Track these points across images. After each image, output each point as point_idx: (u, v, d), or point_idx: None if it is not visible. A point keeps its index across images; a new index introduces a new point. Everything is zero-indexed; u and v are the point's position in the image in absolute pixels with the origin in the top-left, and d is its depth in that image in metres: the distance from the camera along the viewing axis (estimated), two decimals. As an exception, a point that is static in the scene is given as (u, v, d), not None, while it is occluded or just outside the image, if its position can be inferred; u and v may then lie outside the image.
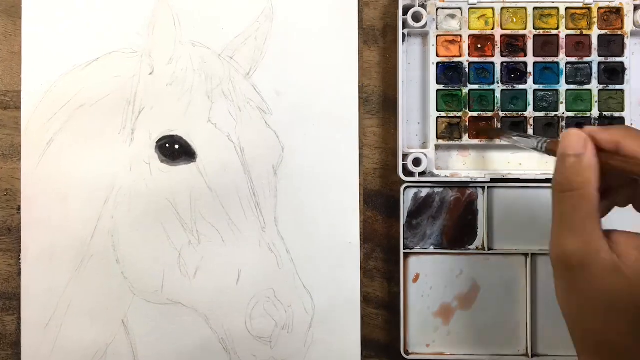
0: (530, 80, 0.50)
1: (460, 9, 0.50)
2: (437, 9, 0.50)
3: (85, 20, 0.51)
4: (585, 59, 0.50)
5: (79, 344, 0.50)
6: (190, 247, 0.49)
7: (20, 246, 0.51)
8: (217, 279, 0.50)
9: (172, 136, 0.50)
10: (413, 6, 0.50)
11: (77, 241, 0.50)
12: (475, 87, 0.50)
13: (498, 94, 0.50)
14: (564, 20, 0.50)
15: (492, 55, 0.50)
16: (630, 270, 0.33)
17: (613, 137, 0.34)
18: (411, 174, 0.50)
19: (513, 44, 0.50)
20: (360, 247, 0.51)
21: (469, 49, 0.50)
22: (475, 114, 0.50)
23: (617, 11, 0.50)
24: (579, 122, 0.50)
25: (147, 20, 0.51)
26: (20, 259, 0.51)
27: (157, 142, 0.50)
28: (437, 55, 0.50)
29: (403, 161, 0.50)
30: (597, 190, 0.34)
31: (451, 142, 0.50)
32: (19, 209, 0.51)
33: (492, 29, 0.50)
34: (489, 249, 0.50)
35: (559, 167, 0.35)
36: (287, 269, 0.50)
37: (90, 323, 0.50)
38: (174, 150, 0.50)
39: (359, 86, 0.51)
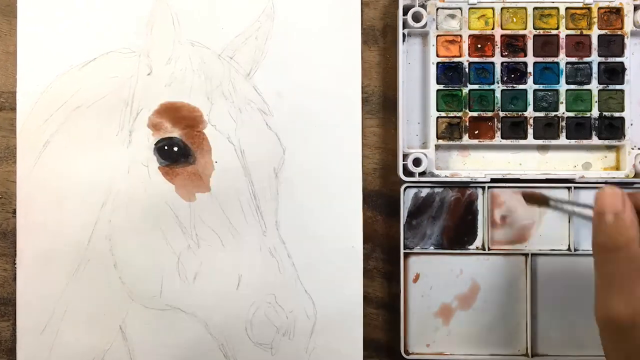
0: (530, 80, 0.49)
1: (460, 9, 0.49)
2: (437, 9, 0.49)
3: (82, 19, 0.49)
4: (585, 59, 0.49)
5: (75, 351, 0.49)
6: (190, 251, 0.48)
7: (15, 250, 0.49)
8: (216, 284, 0.48)
9: (171, 138, 0.48)
10: (413, 6, 0.49)
11: (73, 245, 0.49)
12: (475, 87, 0.49)
13: (498, 94, 0.49)
14: (564, 20, 0.49)
15: (492, 55, 0.49)
16: None
17: None
18: (411, 174, 0.49)
19: (513, 44, 0.49)
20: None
21: (469, 49, 0.49)
22: (475, 114, 0.49)
23: (617, 11, 0.49)
24: (579, 122, 0.49)
25: (146, 19, 0.49)
26: (15, 264, 0.49)
27: (155, 144, 0.49)
28: (437, 55, 0.49)
29: (403, 161, 0.49)
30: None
31: (451, 142, 0.50)
32: (14, 212, 0.49)
33: (492, 29, 0.49)
34: (489, 249, 0.49)
35: (598, 227, 0.34)
36: (288, 274, 0.49)
37: (88, 329, 0.49)
38: (173, 152, 0.48)
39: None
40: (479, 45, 0.49)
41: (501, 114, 0.49)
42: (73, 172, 0.49)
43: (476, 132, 0.49)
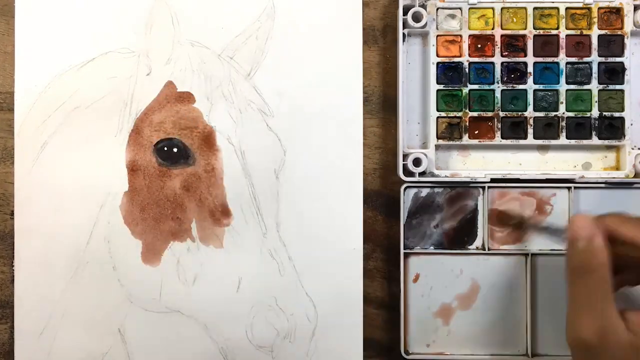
0: (530, 80, 0.49)
1: (460, 9, 0.49)
2: (437, 9, 0.49)
3: (81, 19, 0.49)
4: (585, 59, 0.49)
5: (74, 354, 0.48)
6: (189, 253, 0.47)
7: (13, 252, 0.49)
8: (216, 286, 0.48)
9: (170, 139, 0.48)
10: (413, 6, 0.48)
11: (72, 247, 0.48)
12: (475, 87, 0.49)
13: (498, 94, 0.49)
14: (564, 20, 0.49)
15: (492, 55, 0.49)
16: None
17: (610, 226, 0.35)
18: (411, 174, 0.48)
19: (513, 44, 0.49)
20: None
21: (469, 49, 0.49)
22: (475, 114, 0.49)
23: (617, 11, 0.48)
24: (579, 122, 0.48)
25: (145, 19, 0.49)
26: (13, 266, 0.49)
27: (155, 145, 0.48)
28: (437, 55, 0.49)
29: (403, 161, 0.48)
30: (611, 270, 0.34)
31: (451, 142, 0.49)
32: (12, 214, 0.49)
33: (492, 29, 0.49)
34: (489, 249, 0.49)
35: (571, 252, 0.35)
36: (289, 277, 0.48)
37: (86, 332, 0.48)
38: (172, 153, 0.48)
39: (359, 87, 0.50)
40: (479, 45, 0.49)
41: (501, 114, 0.48)
42: (71, 173, 0.48)
43: (476, 132, 0.49)
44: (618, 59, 0.48)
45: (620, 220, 0.35)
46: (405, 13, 0.48)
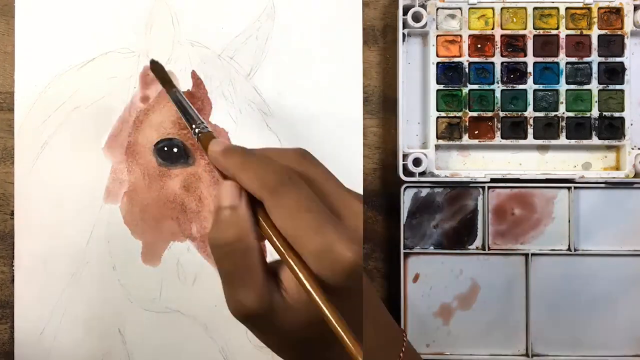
0: (530, 80, 0.48)
1: (460, 9, 0.48)
2: (437, 9, 0.48)
3: (81, 19, 0.48)
4: (585, 59, 0.48)
5: (74, 354, 0.47)
6: (189, 253, 0.47)
7: (13, 252, 0.48)
8: (216, 286, 0.46)
9: (170, 139, 0.47)
10: (413, 6, 0.48)
11: (72, 247, 0.47)
12: (475, 87, 0.48)
13: (498, 94, 0.48)
14: (564, 20, 0.48)
15: (492, 55, 0.48)
16: (296, 304, 0.30)
17: (231, 167, 0.31)
18: (411, 174, 0.48)
19: (513, 44, 0.48)
20: (361, 248, 0.49)
21: (469, 49, 0.48)
22: (475, 114, 0.48)
23: (617, 11, 0.48)
24: (579, 122, 0.48)
25: (145, 19, 0.48)
26: (13, 266, 0.48)
27: (155, 145, 0.47)
28: (437, 55, 0.48)
29: (403, 161, 0.48)
30: (257, 238, 0.30)
31: (451, 142, 0.49)
32: (12, 214, 0.48)
33: (492, 29, 0.48)
34: (489, 249, 0.48)
35: (215, 221, 0.30)
36: None
37: (86, 332, 0.47)
38: (172, 153, 0.47)
39: (359, 87, 0.50)
40: (479, 45, 0.48)
41: (501, 114, 0.48)
42: (71, 173, 0.47)
43: (476, 132, 0.48)
44: (618, 59, 0.48)
45: (240, 165, 0.31)
46: (405, 13, 0.48)
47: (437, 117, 0.48)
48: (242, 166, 0.31)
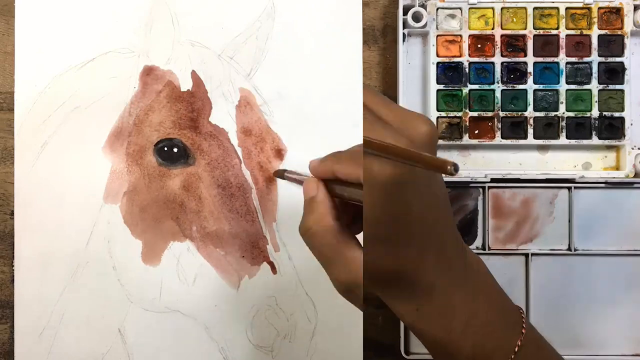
0: (530, 80, 0.48)
1: (460, 9, 0.48)
2: (437, 9, 0.48)
3: (81, 19, 0.48)
4: (585, 59, 0.48)
5: (74, 354, 0.47)
6: (189, 253, 0.47)
7: (13, 252, 0.48)
8: (216, 286, 0.47)
9: (170, 139, 0.47)
10: (413, 6, 0.48)
11: (72, 247, 0.47)
12: (476, 87, 0.48)
13: (498, 94, 0.48)
14: (564, 20, 0.48)
15: (492, 55, 0.48)
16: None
17: (327, 167, 0.34)
18: None
19: (513, 44, 0.48)
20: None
21: (469, 49, 0.48)
22: (475, 114, 0.48)
23: (617, 11, 0.48)
24: (579, 122, 0.48)
25: (145, 19, 0.48)
26: (13, 266, 0.48)
27: (155, 145, 0.47)
28: (437, 55, 0.48)
29: None
30: (336, 218, 0.34)
31: (451, 142, 0.48)
32: (12, 214, 0.48)
33: (492, 29, 0.48)
34: (489, 249, 0.48)
35: (303, 214, 0.35)
36: (289, 277, 0.47)
37: (86, 332, 0.47)
38: (173, 153, 0.47)
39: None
40: (479, 45, 0.48)
41: (501, 114, 0.48)
42: (71, 173, 0.47)
43: (476, 132, 0.48)
44: (618, 59, 0.48)
45: (334, 160, 0.34)
46: (405, 13, 0.48)
47: (437, 117, 0.48)
48: (337, 158, 0.34)
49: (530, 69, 0.48)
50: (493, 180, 0.48)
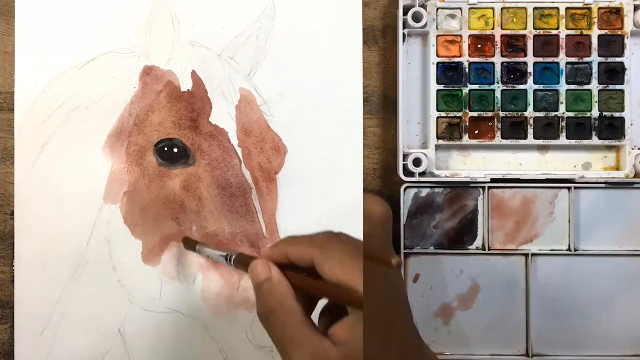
0: (530, 80, 0.48)
1: (460, 9, 0.48)
2: (437, 9, 0.48)
3: (81, 19, 0.48)
4: (585, 59, 0.48)
5: (74, 354, 0.47)
6: (189, 253, 0.46)
7: (13, 252, 0.48)
8: (216, 286, 0.47)
9: (170, 139, 0.47)
10: (413, 6, 0.48)
11: (72, 247, 0.47)
12: (475, 87, 0.48)
13: (498, 94, 0.48)
14: (564, 20, 0.48)
15: (492, 55, 0.48)
16: (353, 351, 0.31)
17: (281, 251, 0.34)
18: (411, 174, 0.48)
19: (513, 44, 0.48)
20: (361, 248, 0.49)
21: (469, 49, 0.48)
22: (475, 114, 0.48)
23: (617, 11, 0.48)
24: (579, 122, 0.48)
25: (145, 19, 0.48)
26: (13, 266, 0.48)
27: (155, 145, 0.47)
28: (437, 55, 0.48)
29: (403, 161, 0.48)
30: (298, 300, 0.33)
31: (451, 142, 0.49)
32: (12, 214, 0.48)
33: (492, 29, 0.48)
34: (489, 249, 0.48)
35: (257, 299, 0.34)
36: None
37: (86, 332, 0.47)
38: (173, 153, 0.47)
39: (359, 87, 0.50)
40: (479, 45, 0.48)
41: (501, 114, 0.48)
42: (71, 173, 0.47)
43: (476, 132, 0.48)
44: (618, 59, 0.48)
45: (288, 243, 0.35)
46: (405, 13, 0.48)
47: (437, 117, 0.48)
48: (291, 241, 0.35)
49: (530, 69, 0.48)
50: (493, 180, 0.48)
